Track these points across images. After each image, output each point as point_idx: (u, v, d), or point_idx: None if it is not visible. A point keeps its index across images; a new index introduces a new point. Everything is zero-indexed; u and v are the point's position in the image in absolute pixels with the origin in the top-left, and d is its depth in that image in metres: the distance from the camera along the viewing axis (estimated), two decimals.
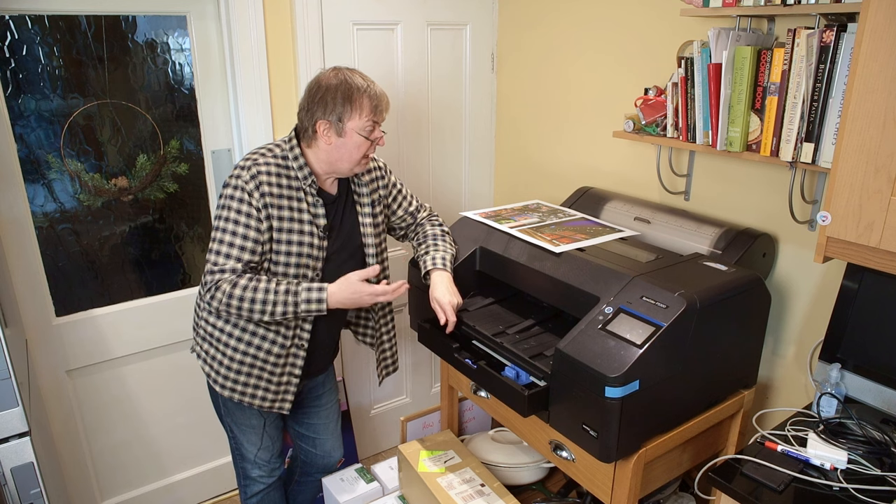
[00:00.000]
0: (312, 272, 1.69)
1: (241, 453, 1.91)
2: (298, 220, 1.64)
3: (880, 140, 1.22)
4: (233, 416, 1.84)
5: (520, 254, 1.81)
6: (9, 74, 1.86)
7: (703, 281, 1.54)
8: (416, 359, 2.85)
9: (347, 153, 1.65)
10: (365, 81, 1.64)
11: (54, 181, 2.01)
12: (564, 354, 1.46)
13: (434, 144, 2.63)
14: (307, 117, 1.64)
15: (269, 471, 1.95)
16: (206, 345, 1.74)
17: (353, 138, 1.63)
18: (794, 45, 1.50)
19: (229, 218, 1.59)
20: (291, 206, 1.63)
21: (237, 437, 1.88)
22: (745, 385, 1.75)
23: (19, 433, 1.55)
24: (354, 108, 1.60)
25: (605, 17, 2.17)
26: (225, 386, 1.73)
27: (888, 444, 1.44)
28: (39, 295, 2.03)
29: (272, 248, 1.63)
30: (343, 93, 1.60)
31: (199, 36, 2.11)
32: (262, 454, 1.91)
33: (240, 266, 1.58)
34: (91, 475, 2.26)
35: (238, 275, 1.58)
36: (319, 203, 1.68)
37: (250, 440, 1.88)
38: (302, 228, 1.65)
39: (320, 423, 2.02)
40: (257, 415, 1.84)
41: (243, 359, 1.70)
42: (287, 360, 1.73)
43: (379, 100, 1.64)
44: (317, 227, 1.67)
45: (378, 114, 1.64)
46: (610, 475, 1.55)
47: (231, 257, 1.58)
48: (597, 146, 2.32)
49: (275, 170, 1.62)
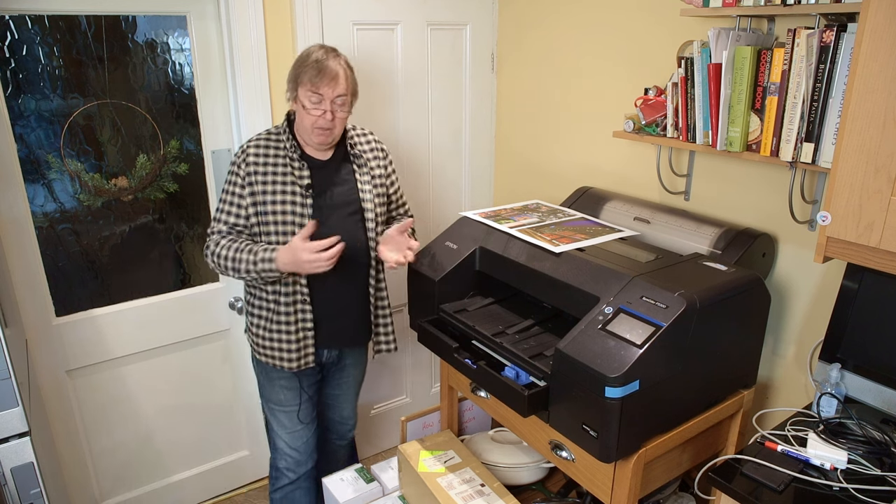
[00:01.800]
0: (298, 228, 1.81)
1: (273, 442, 2.05)
2: (282, 183, 1.80)
3: (880, 140, 1.22)
4: (265, 394, 2.00)
5: (519, 254, 1.81)
6: (9, 74, 1.86)
7: (702, 281, 1.54)
8: (416, 359, 2.85)
9: (300, 121, 1.79)
10: (323, 56, 1.73)
11: (54, 181, 2.01)
12: (564, 354, 1.46)
13: (434, 144, 2.63)
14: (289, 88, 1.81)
15: (294, 463, 2.05)
16: (247, 318, 1.95)
17: (300, 108, 1.77)
18: (794, 45, 1.50)
19: (224, 189, 1.82)
20: (276, 171, 1.80)
21: (270, 420, 2.03)
22: (744, 385, 1.75)
23: (19, 433, 1.55)
24: (300, 79, 1.74)
25: (605, 17, 2.17)
26: (259, 351, 1.92)
27: (888, 444, 1.44)
28: (39, 295, 2.03)
29: (260, 210, 1.80)
30: (297, 64, 1.76)
31: (199, 36, 2.11)
32: (292, 440, 2.03)
33: (225, 228, 1.81)
34: (91, 475, 2.26)
35: (223, 235, 1.81)
36: (304, 166, 1.82)
37: (279, 422, 2.01)
38: (285, 189, 1.79)
39: (341, 393, 2.15)
40: (285, 389, 1.96)
41: (262, 322, 1.89)
42: (297, 315, 1.86)
43: (322, 74, 1.71)
44: (300, 188, 1.80)
45: (314, 85, 1.72)
46: (610, 475, 1.55)
47: (220, 221, 1.82)
48: (597, 146, 2.32)
49: (264, 143, 1.82)
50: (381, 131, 2.47)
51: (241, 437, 2.58)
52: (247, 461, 2.60)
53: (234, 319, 2.41)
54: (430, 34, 2.48)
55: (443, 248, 2.00)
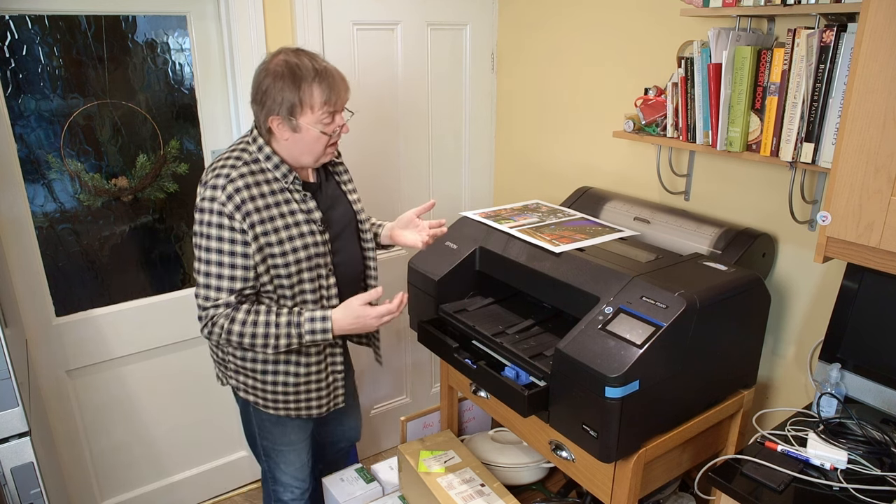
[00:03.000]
0: (325, 269, 1.60)
1: (274, 477, 1.84)
2: (294, 224, 1.53)
3: (880, 140, 1.22)
4: (271, 439, 1.76)
5: (519, 254, 1.81)
6: (9, 74, 1.86)
7: (702, 281, 1.54)
8: (416, 359, 2.85)
9: (308, 147, 1.51)
10: (315, 64, 1.46)
11: (54, 181, 2.01)
12: (564, 354, 1.46)
13: (434, 144, 2.63)
14: (259, 111, 1.50)
15: (301, 493, 1.88)
16: (241, 377, 1.67)
17: (309, 133, 1.49)
18: (794, 45, 1.50)
19: (211, 248, 1.46)
20: (282, 212, 1.51)
21: (272, 459, 1.81)
22: (744, 385, 1.75)
23: (19, 433, 1.55)
24: (305, 100, 1.45)
25: (605, 17, 2.17)
26: (278, 408, 1.67)
27: (888, 444, 1.44)
28: (39, 295, 2.03)
29: (275, 263, 1.51)
30: (291, 83, 1.43)
31: (199, 36, 2.11)
32: (297, 473, 1.84)
33: (233, 298, 1.48)
34: (91, 475, 2.26)
35: (233, 308, 1.48)
36: (308, 197, 1.57)
37: (287, 460, 1.81)
38: (301, 230, 1.54)
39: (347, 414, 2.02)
40: (298, 430, 1.78)
41: (286, 379, 1.64)
42: (325, 362, 1.69)
43: (331, 87, 1.46)
44: (314, 223, 1.57)
45: (332, 103, 1.48)
46: (610, 475, 1.55)
47: (223, 290, 1.47)
48: (597, 146, 2.32)
49: (251, 179, 1.47)
50: (381, 131, 2.47)
51: (240, 438, 2.57)
52: (246, 461, 2.60)
53: None
54: (430, 34, 2.48)
55: (443, 248, 2.00)
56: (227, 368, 1.70)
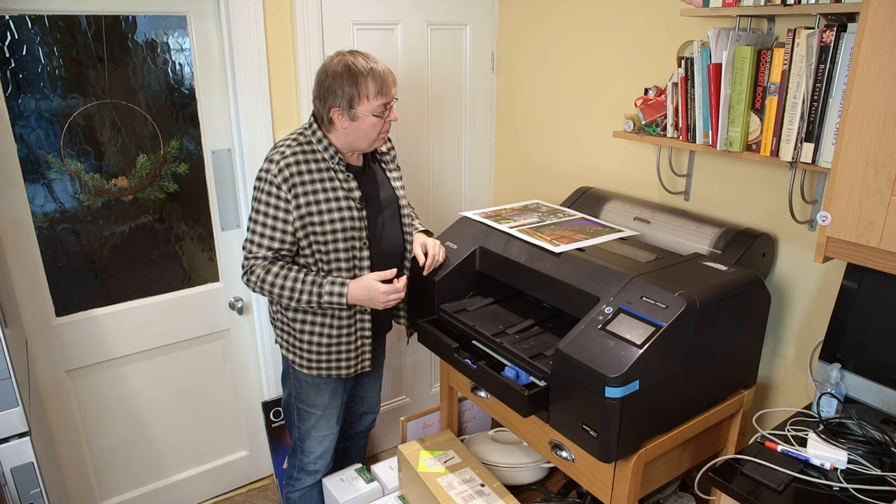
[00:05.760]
0: (360, 242, 1.80)
1: (302, 446, 2.03)
2: (335, 199, 1.75)
3: (880, 140, 1.22)
4: (305, 400, 1.96)
5: (519, 254, 1.81)
6: (9, 74, 1.86)
7: (702, 281, 1.54)
8: (416, 359, 2.85)
9: (364, 134, 1.74)
10: (368, 63, 1.71)
11: (54, 181, 2.01)
12: (564, 354, 1.46)
13: (434, 144, 2.63)
14: (321, 106, 1.74)
15: (324, 465, 2.06)
16: (285, 335, 1.91)
17: (366, 120, 1.72)
18: (794, 45, 1.50)
19: (259, 210, 1.73)
20: (325, 188, 1.74)
21: (305, 421, 1.99)
22: (744, 385, 1.75)
23: (19, 433, 1.55)
24: (362, 92, 1.69)
25: (605, 16, 2.17)
26: (311, 367, 1.88)
27: (888, 444, 1.44)
28: (39, 295, 2.03)
29: (314, 230, 1.74)
30: (349, 79, 1.69)
31: (199, 36, 2.11)
32: (324, 441, 2.02)
33: (270, 254, 1.74)
34: (91, 475, 2.26)
35: (270, 261, 1.74)
36: (351, 177, 1.79)
37: (318, 426, 1.99)
38: (340, 205, 1.76)
39: (370, 382, 2.17)
40: (330, 394, 1.96)
41: (320, 339, 1.85)
42: (356, 325, 1.87)
43: (384, 80, 1.71)
44: (353, 201, 1.78)
45: (384, 94, 1.72)
46: (610, 475, 1.55)
47: (262, 246, 1.74)
48: (597, 146, 2.32)
49: (301, 157, 1.73)
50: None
51: (240, 438, 2.58)
52: (246, 461, 2.61)
53: (235, 319, 2.41)
54: (430, 34, 2.48)
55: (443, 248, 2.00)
56: (276, 327, 1.94)
